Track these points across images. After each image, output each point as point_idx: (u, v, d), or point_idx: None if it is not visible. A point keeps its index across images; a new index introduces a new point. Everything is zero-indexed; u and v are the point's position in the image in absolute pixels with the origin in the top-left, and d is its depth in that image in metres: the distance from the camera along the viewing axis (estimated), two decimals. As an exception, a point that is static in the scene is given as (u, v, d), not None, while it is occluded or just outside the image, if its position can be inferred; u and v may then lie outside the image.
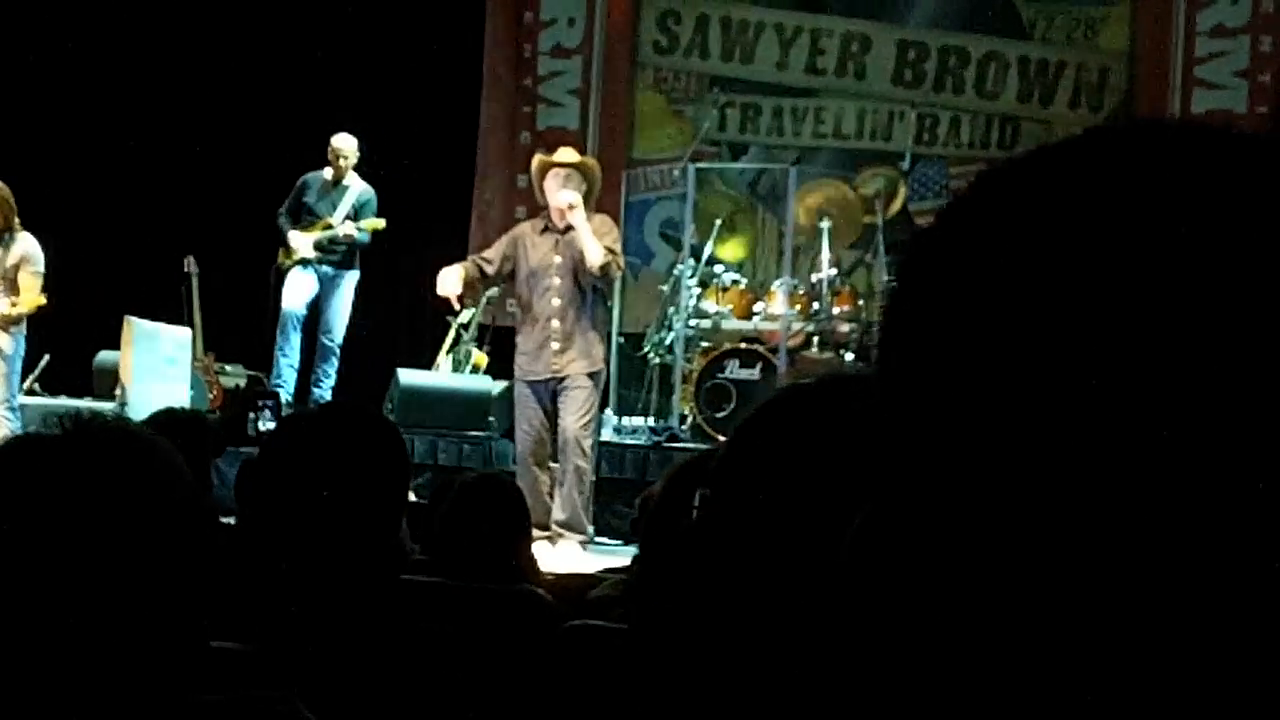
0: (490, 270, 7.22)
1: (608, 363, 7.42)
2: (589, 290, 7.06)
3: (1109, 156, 0.52)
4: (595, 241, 6.91)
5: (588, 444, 7.04)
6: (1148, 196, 0.49)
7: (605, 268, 6.93)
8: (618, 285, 8.06)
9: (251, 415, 8.28)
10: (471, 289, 7.34)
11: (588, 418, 7.03)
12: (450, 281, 7.15)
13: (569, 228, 6.96)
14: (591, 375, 7.06)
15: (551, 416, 7.05)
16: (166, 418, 4.38)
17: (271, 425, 4.58)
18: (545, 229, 7.10)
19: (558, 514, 6.97)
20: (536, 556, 3.92)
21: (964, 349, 0.50)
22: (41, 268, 7.85)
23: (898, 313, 0.55)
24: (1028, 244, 0.50)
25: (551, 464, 7.13)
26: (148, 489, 1.22)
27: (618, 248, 7.09)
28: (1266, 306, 0.47)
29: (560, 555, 6.62)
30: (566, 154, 7.29)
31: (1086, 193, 0.51)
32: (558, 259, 7.00)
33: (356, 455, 2.06)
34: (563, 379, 6.99)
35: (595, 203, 7.25)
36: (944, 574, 0.50)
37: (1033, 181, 0.53)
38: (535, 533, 6.83)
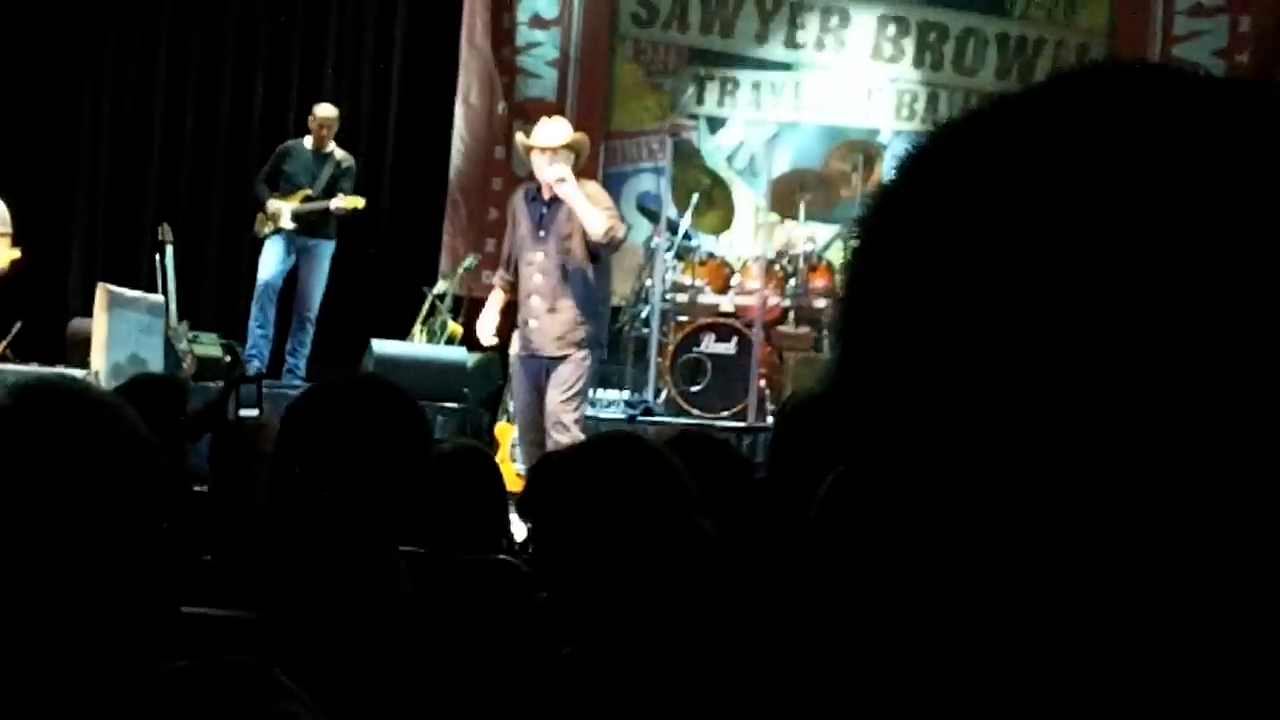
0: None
1: (601, 344, 7.13)
2: (579, 266, 6.83)
3: (1078, 100, 0.50)
4: (592, 209, 6.70)
5: (570, 418, 6.80)
6: (1119, 141, 0.48)
7: (609, 232, 6.71)
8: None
9: (233, 398, 8.19)
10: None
11: (573, 391, 6.83)
12: (486, 328, 7.20)
13: (553, 199, 6.80)
14: (578, 350, 6.85)
15: (542, 392, 6.88)
16: (138, 383, 4.35)
17: (254, 411, 4.52)
18: (533, 198, 6.94)
19: None
20: (514, 528, 3.92)
21: (925, 308, 0.49)
22: (8, 226, 7.80)
23: (858, 270, 0.54)
24: (990, 195, 0.49)
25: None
26: (100, 452, 1.20)
27: (615, 212, 6.89)
28: (1249, 263, 0.46)
29: None
30: (549, 134, 6.95)
31: (1054, 138, 0.49)
32: (541, 232, 6.86)
33: (383, 432, 2.07)
34: (548, 357, 6.85)
35: (583, 169, 7.08)
36: (909, 534, 0.50)
37: (997, 128, 0.52)
38: None
